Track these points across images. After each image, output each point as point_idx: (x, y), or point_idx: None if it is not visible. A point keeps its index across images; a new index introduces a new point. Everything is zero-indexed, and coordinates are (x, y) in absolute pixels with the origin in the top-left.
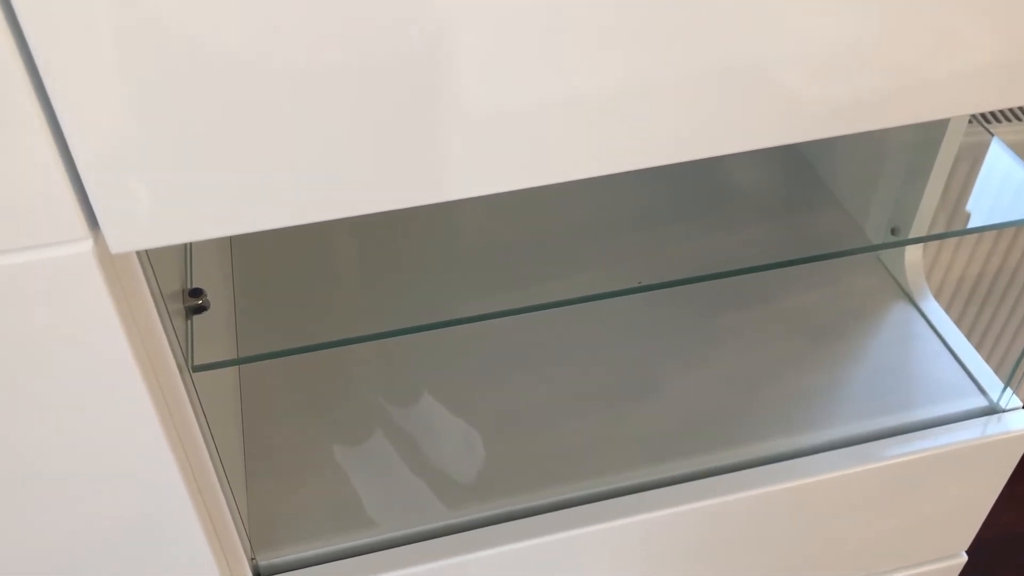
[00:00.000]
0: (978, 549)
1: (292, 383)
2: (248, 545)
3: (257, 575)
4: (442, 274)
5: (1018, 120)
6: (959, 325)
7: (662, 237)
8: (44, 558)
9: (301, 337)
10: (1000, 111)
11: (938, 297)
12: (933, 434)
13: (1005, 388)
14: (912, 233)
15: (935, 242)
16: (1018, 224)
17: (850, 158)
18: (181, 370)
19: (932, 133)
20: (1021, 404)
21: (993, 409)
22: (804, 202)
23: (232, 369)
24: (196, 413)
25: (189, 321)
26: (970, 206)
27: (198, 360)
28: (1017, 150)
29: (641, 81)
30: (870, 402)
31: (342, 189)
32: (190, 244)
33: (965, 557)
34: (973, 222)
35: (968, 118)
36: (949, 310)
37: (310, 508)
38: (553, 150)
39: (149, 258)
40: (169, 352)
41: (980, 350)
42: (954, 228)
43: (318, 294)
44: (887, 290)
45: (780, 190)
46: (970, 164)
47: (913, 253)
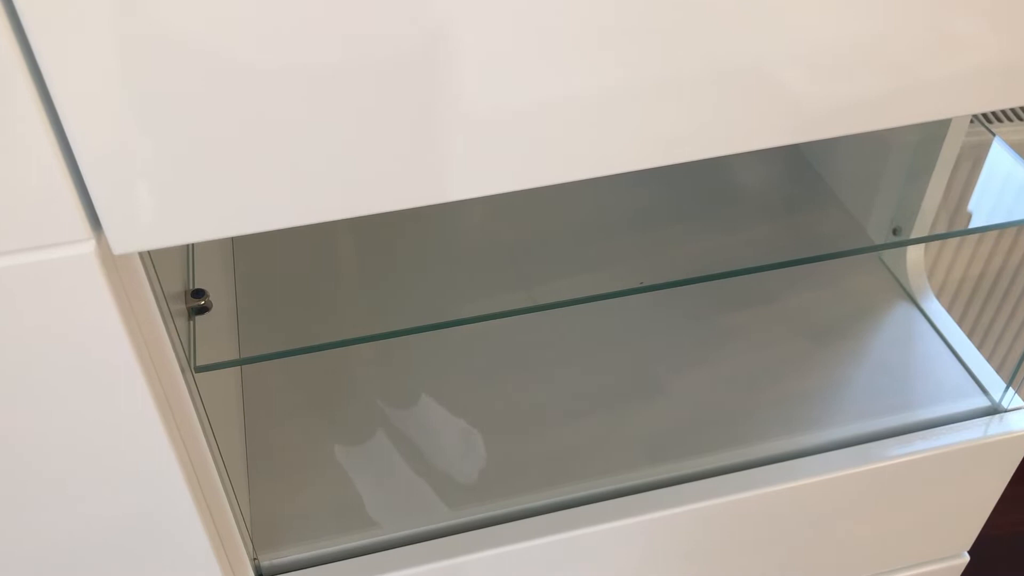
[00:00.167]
0: (980, 549)
1: (294, 384)
2: (250, 545)
3: (259, 575)
4: (444, 274)
5: (1019, 120)
6: (961, 325)
7: (664, 237)
8: (47, 558)
9: (303, 338)
10: (1002, 111)
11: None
12: (935, 434)
13: (1007, 388)
14: (914, 233)
15: (937, 242)
16: (1020, 224)
17: (852, 158)
18: (183, 371)
19: (934, 133)
20: (1023, 404)
21: (995, 409)
22: (806, 202)
23: (234, 370)
24: (198, 414)
25: (191, 322)
26: (972, 206)
27: (200, 361)
28: (1019, 150)
29: (642, 81)
30: (872, 402)
31: (344, 190)
32: (192, 245)
33: (967, 557)
34: (975, 222)
35: (970, 118)
36: (951, 310)
37: (312, 508)
38: (555, 150)
39: (152, 259)
40: (171, 353)
41: (982, 350)
42: (956, 228)
43: (320, 294)
44: (889, 290)
45: (782, 190)
46: (972, 164)
47: (915, 253)
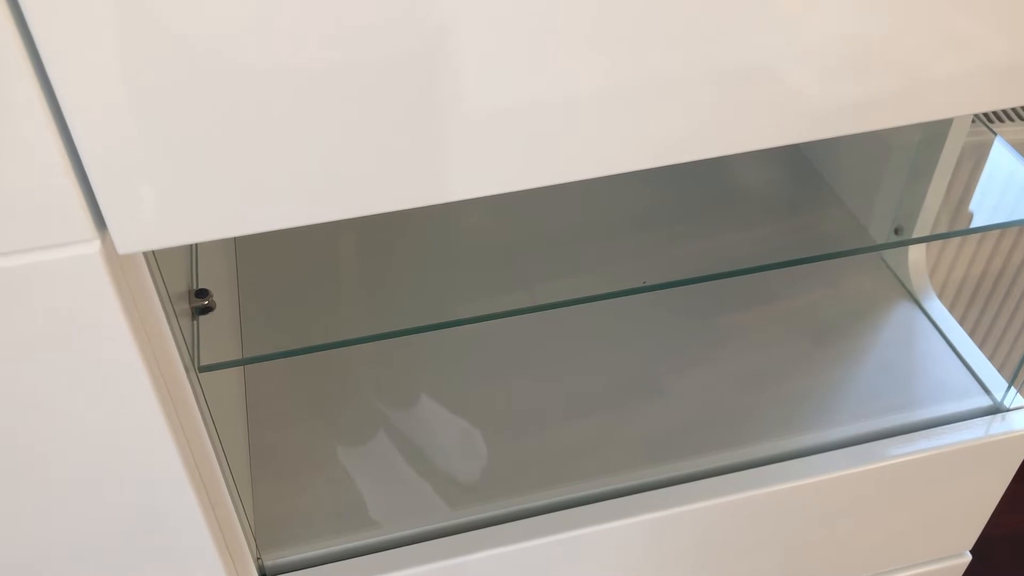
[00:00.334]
0: (982, 548)
1: (296, 384)
2: (254, 545)
3: (262, 575)
4: (446, 274)
5: (1020, 120)
6: (963, 324)
7: (665, 237)
8: (52, 558)
9: (305, 338)
10: (1003, 111)
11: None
12: (937, 433)
13: (1009, 387)
14: (915, 233)
15: (938, 241)
16: (1021, 224)
17: (853, 158)
18: (187, 370)
19: (935, 133)
20: None
21: (997, 408)
22: (807, 202)
23: (237, 369)
24: (202, 413)
25: (195, 321)
26: (973, 206)
27: (204, 361)
28: (1020, 149)
29: (644, 81)
30: (874, 401)
31: (347, 190)
32: (195, 244)
33: (969, 556)
34: (976, 222)
35: (971, 118)
36: (952, 309)
37: (315, 508)
38: (556, 150)
39: (156, 259)
40: (175, 353)
41: (984, 349)
42: (957, 228)
43: (322, 295)
44: (890, 290)
45: (784, 190)
46: (973, 164)
47: (916, 253)
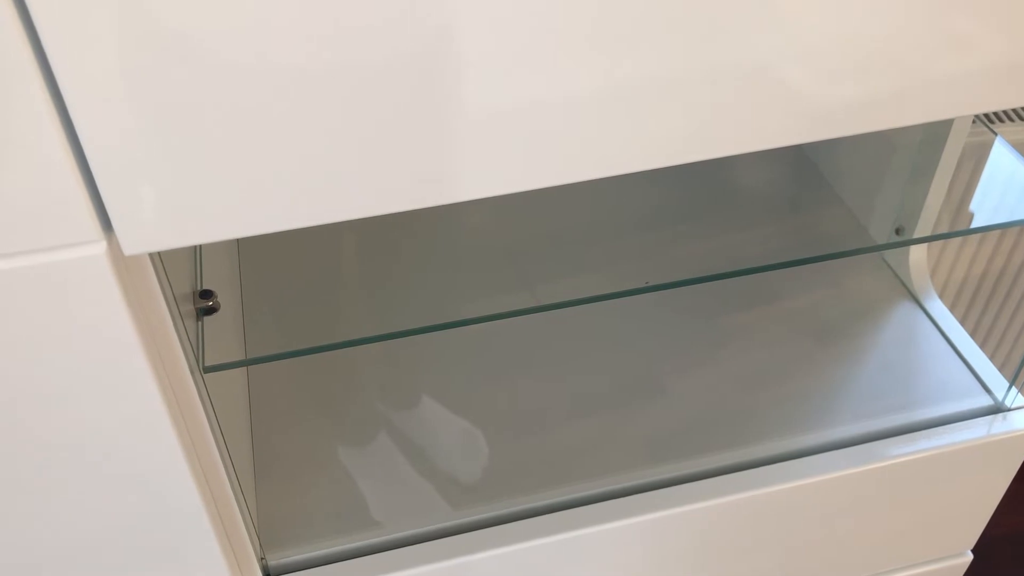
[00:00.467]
0: (984, 548)
1: (300, 384)
2: (258, 545)
3: (267, 575)
4: (449, 275)
5: (1021, 120)
6: (964, 324)
7: (667, 237)
8: (56, 558)
9: (308, 338)
10: (1004, 111)
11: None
12: (938, 433)
13: (1010, 387)
14: (916, 233)
15: (939, 241)
16: (1022, 224)
17: (855, 158)
18: (192, 371)
19: (936, 133)
20: None
21: (998, 408)
22: (809, 202)
23: (240, 370)
24: (207, 414)
25: (200, 322)
26: (974, 206)
27: (209, 361)
28: (1021, 150)
29: (646, 82)
30: (875, 401)
31: (350, 191)
32: (200, 246)
33: (971, 556)
34: (977, 222)
35: (972, 118)
36: (953, 309)
37: (319, 508)
38: (560, 152)
39: (161, 260)
40: (181, 353)
41: (985, 349)
42: (958, 228)
43: (325, 295)
44: (892, 290)
45: (785, 190)
46: (974, 164)
47: (917, 253)
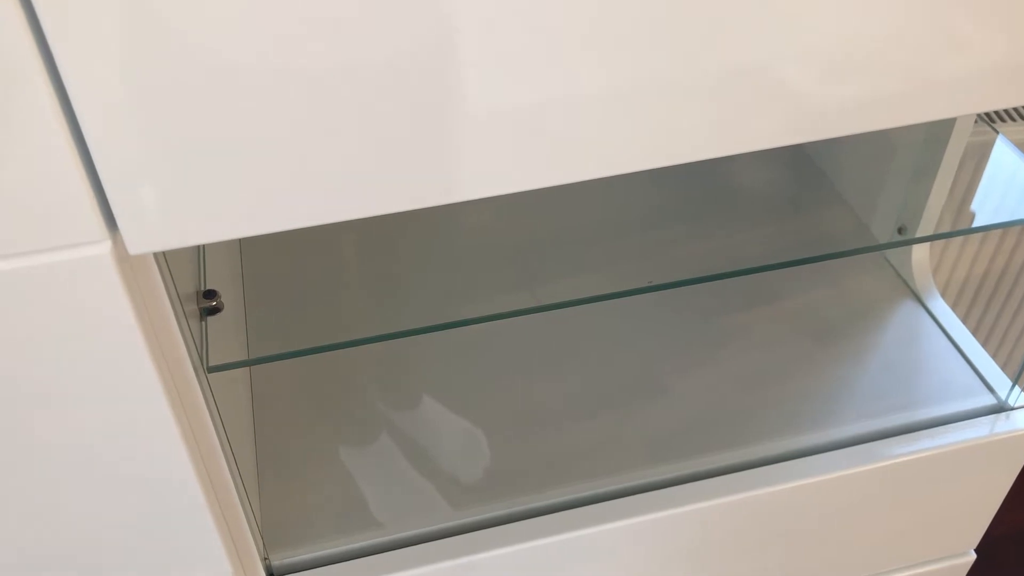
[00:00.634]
0: (987, 547)
1: (303, 384)
2: (261, 545)
3: (270, 575)
4: (451, 275)
5: (1023, 120)
6: (966, 323)
7: (669, 237)
8: (59, 558)
9: (311, 338)
10: (1006, 110)
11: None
12: (941, 432)
13: (1013, 386)
14: (919, 232)
15: (941, 240)
16: None
17: (857, 157)
18: (196, 371)
19: (938, 132)
20: None
21: (1001, 407)
22: (811, 202)
23: (243, 370)
24: (211, 414)
25: (203, 322)
26: (976, 205)
27: (213, 361)
28: (1023, 149)
29: (648, 82)
30: (878, 401)
31: (353, 192)
32: (203, 245)
33: (974, 555)
34: (979, 221)
35: (974, 117)
36: (956, 308)
37: (322, 508)
38: (561, 151)
39: (166, 259)
40: (185, 353)
41: (987, 348)
42: (961, 227)
43: (327, 295)
44: (894, 289)
45: (787, 190)
46: (977, 163)
47: (920, 252)
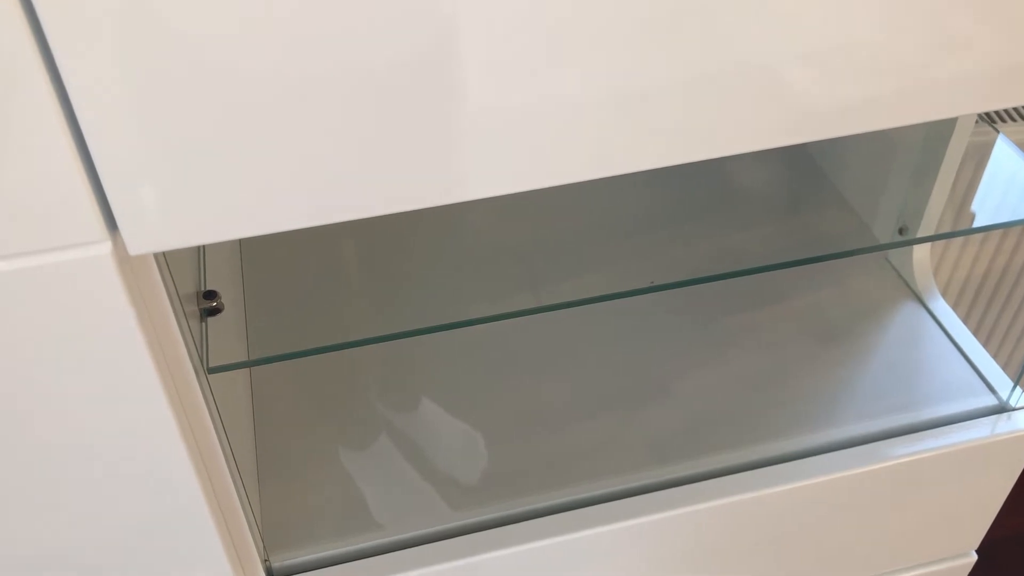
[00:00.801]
0: (988, 548)
1: (303, 385)
2: (261, 546)
3: None
4: (452, 275)
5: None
6: (967, 324)
7: (670, 237)
8: (58, 558)
9: (311, 339)
10: (1007, 110)
11: (945, 295)
12: (942, 433)
13: (1015, 387)
14: (920, 232)
15: (942, 240)
16: None
17: (858, 158)
18: (197, 372)
19: (939, 132)
20: None
21: (1002, 408)
22: (812, 202)
23: (244, 371)
24: (211, 415)
25: (204, 323)
26: (977, 205)
27: (213, 362)
28: None
29: (648, 82)
30: (879, 401)
31: (355, 191)
32: (203, 246)
33: (975, 556)
34: (980, 221)
35: (975, 117)
36: (957, 308)
37: (323, 510)
38: (563, 151)
39: (166, 260)
40: (185, 354)
41: (988, 348)
42: (962, 227)
43: (328, 296)
44: (895, 289)
45: (788, 190)
46: (977, 163)
47: (921, 252)
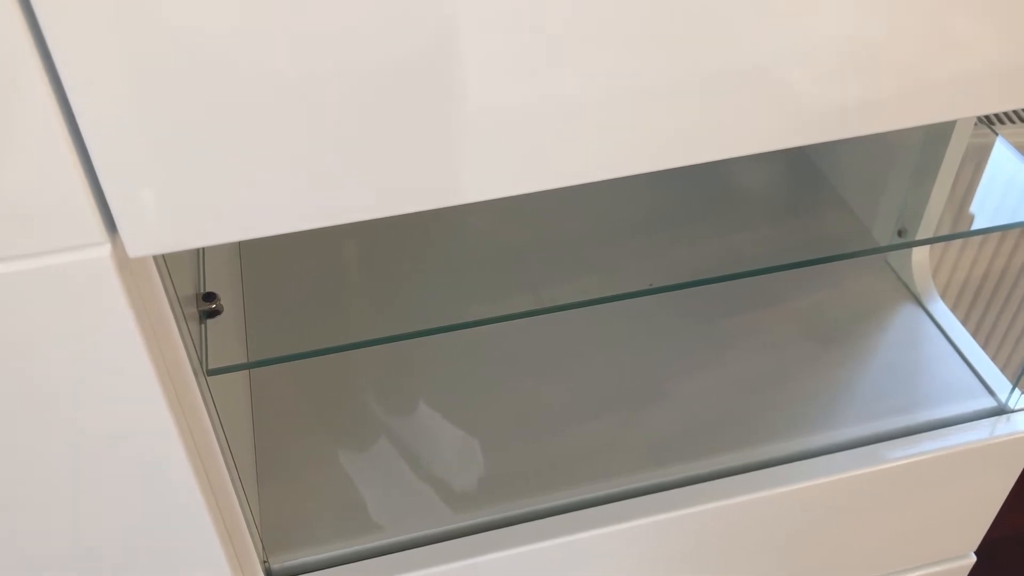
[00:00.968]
0: (987, 549)
1: (303, 386)
2: (261, 548)
3: None
4: (452, 277)
5: (1023, 122)
6: (966, 326)
7: (670, 239)
8: (57, 559)
9: (311, 341)
10: (1005, 112)
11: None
12: (941, 435)
13: (1013, 388)
14: (919, 235)
15: (941, 243)
16: None
17: (857, 160)
18: (196, 373)
19: (939, 134)
20: None
21: (1001, 409)
22: (811, 204)
23: (243, 373)
24: (211, 417)
25: (203, 325)
26: (976, 207)
27: (212, 364)
28: (1022, 151)
29: (648, 84)
30: (878, 403)
31: (355, 194)
32: (203, 248)
33: (974, 558)
34: (980, 223)
35: (975, 119)
36: (956, 311)
37: (322, 511)
38: (563, 154)
39: (166, 262)
40: (184, 356)
41: (987, 350)
42: (961, 229)
43: (327, 298)
44: (894, 291)
45: (788, 192)
46: (977, 165)
47: (920, 254)
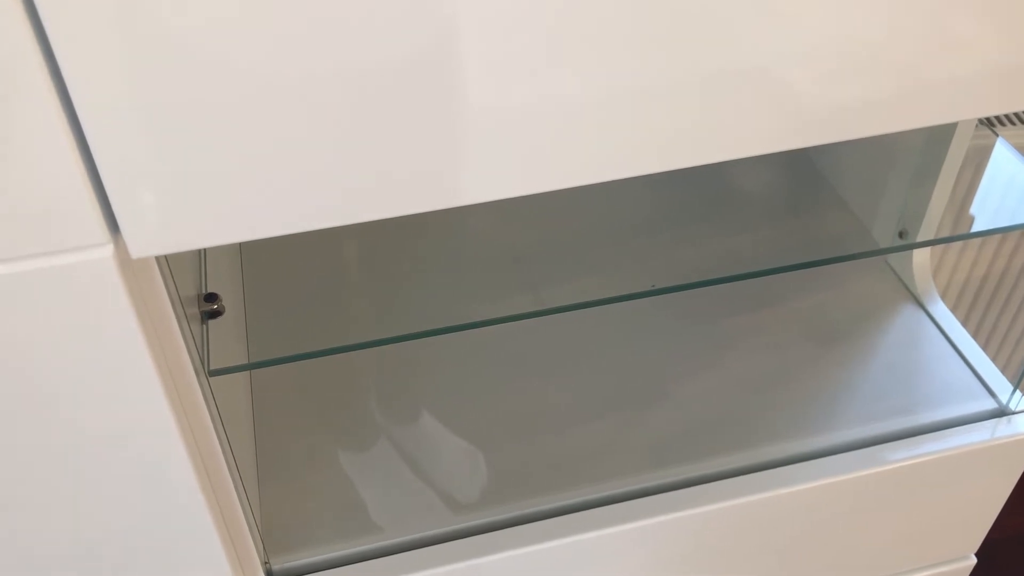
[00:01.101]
0: (987, 551)
1: (304, 387)
2: (262, 549)
3: None
4: (454, 278)
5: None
6: (967, 327)
7: (670, 241)
8: (58, 559)
9: (311, 342)
10: (1006, 114)
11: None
12: (942, 436)
13: (1014, 390)
14: (920, 236)
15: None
16: None
17: (858, 161)
18: (197, 374)
19: (940, 136)
20: None
21: (1002, 411)
22: (812, 206)
23: (244, 373)
24: (212, 418)
25: (204, 326)
26: (976, 208)
27: (214, 364)
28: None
29: (648, 86)
30: (879, 405)
31: (356, 195)
32: (205, 249)
33: (974, 559)
34: (980, 225)
35: (975, 121)
36: (956, 312)
37: (323, 512)
38: (564, 155)
39: (168, 263)
40: (186, 357)
41: (988, 352)
42: (962, 231)
43: (328, 299)
44: (895, 293)
45: (789, 194)
46: (977, 167)
47: (921, 256)
